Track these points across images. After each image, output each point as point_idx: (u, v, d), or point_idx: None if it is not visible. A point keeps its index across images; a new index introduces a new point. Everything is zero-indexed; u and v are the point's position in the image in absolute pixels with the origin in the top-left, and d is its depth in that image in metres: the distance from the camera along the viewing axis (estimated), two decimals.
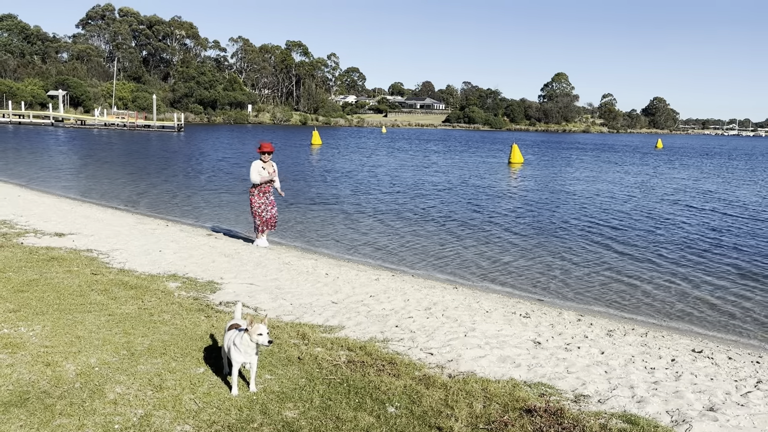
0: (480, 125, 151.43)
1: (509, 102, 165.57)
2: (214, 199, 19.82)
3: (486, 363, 5.79)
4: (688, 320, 8.80)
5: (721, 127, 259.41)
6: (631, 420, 4.49)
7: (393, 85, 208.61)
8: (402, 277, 10.23)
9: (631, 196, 24.03)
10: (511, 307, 8.56)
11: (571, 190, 25.31)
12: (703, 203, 22.24)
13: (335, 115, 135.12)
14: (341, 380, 4.89)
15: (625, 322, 8.34)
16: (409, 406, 4.46)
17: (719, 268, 11.84)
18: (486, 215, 17.85)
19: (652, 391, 5.35)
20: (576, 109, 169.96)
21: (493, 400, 4.65)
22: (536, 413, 4.34)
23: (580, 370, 5.77)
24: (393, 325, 6.97)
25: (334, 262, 11.13)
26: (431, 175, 30.51)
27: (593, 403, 4.91)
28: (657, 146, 77.79)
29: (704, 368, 6.24)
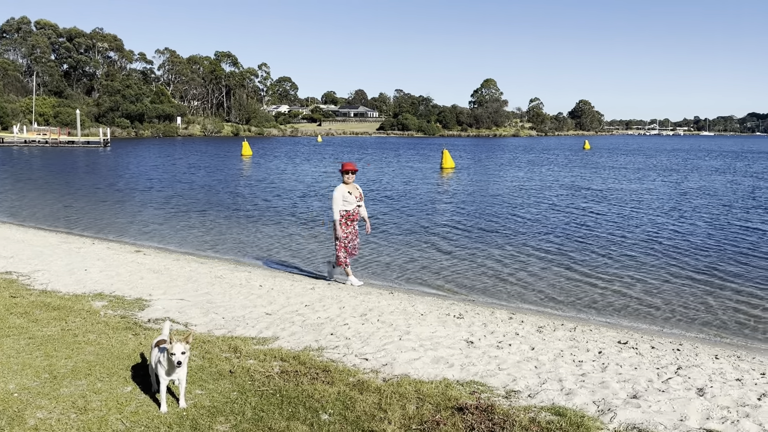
0: (414, 132, 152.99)
1: (441, 108, 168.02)
2: (142, 214, 19.30)
3: (420, 365, 5.85)
4: (615, 314, 9.13)
5: (644, 127, 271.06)
6: (559, 412, 4.62)
7: (326, 94, 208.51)
8: (338, 285, 10.20)
9: (559, 196, 24.76)
10: (445, 309, 8.66)
11: (502, 193, 25.88)
12: (627, 201, 23.14)
13: (268, 126, 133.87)
14: (274, 391, 4.85)
15: (554, 319, 8.58)
16: (342, 412, 4.46)
17: (643, 263, 12.33)
18: (418, 220, 18.04)
19: (579, 383, 5.52)
20: (505, 114, 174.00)
21: (426, 400, 4.70)
22: (468, 411, 4.41)
23: (511, 367, 5.90)
24: (328, 333, 6.95)
25: (268, 273, 11.01)
26: (364, 182, 30.61)
27: (523, 398, 5.03)
28: (585, 147, 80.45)
29: (629, 358, 6.49)
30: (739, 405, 5.10)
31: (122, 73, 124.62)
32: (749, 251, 13.39)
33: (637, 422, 4.58)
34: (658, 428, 4.49)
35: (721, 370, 6.21)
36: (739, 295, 9.93)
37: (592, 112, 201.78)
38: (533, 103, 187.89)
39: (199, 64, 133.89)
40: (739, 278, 11.00)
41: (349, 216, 9.91)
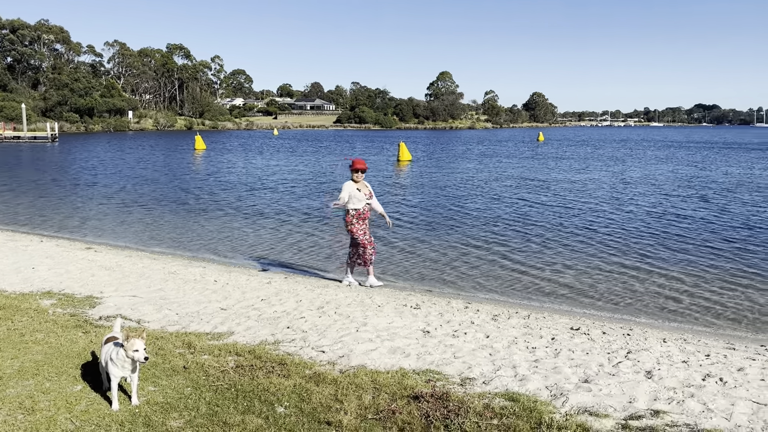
0: (371, 125, 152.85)
1: (398, 101, 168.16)
2: (92, 211, 18.83)
3: (377, 355, 5.87)
4: (568, 301, 9.32)
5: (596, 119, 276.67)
6: (513, 398, 4.70)
7: (282, 87, 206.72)
8: (295, 279, 10.16)
9: (512, 186, 25.10)
10: (402, 299, 8.71)
11: (457, 185, 26.10)
12: (578, 189, 23.61)
13: (223, 119, 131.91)
14: (229, 386, 4.80)
15: (509, 307, 8.72)
16: (298, 404, 4.45)
17: (594, 249, 12.60)
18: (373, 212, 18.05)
19: (533, 368, 5.63)
20: (461, 107, 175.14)
21: (382, 390, 4.72)
22: (423, 399, 4.45)
23: (466, 355, 5.98)
24: (284, 326, 6.91)
25: (223, 269, 10.88)
26: (321, 174, 30.48)
27: (478, 385, 5.10)
28: (539, 139, 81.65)
29: (581, 344, 6.63)
30: (684, 386, 5.27)
31: (70, 66, 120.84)
32: (690, 239, 13.81)
33: (588, 405, 4.70)
34: (608, 410, 4.61)
35: (669, 353, 6.41)
36: (684, 281, 10.24)
37: (546, 104, 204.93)
38: (488, 96, 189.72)
39: (151, 57, 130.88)
40: (684, 265, 11.35)
41: (360, 214, 9.46)
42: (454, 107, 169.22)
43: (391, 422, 4.15)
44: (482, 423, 4.13)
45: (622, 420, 4.42)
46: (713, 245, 13.00)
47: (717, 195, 21.98)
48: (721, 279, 10.32)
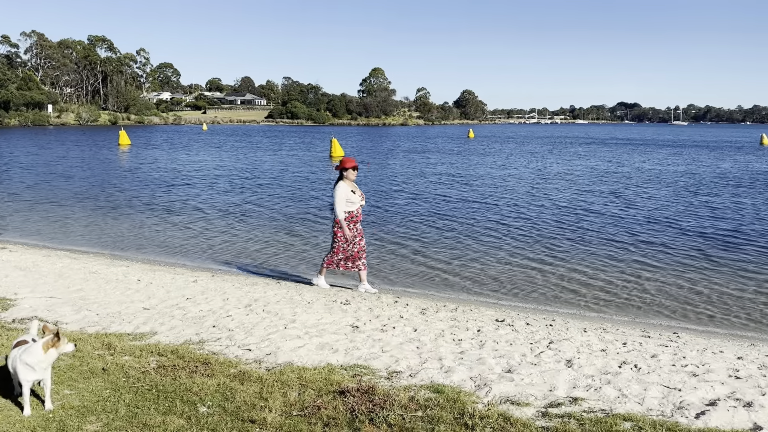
0: (303, 120, 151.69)
1: (331, 97, 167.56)
2: (8, 209, 17.92)
3: (304, 352, 5.84)
4: (494, 294, 9.53)
5: (524, 116, 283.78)
6: (438, 389, 4.78)
7: (211, 81, 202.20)
8: (223, 277, 9.98)
9: (436, 182, 25.44)
10: (332, 296, 8.70)
11: (388, 180, 26.24)
12: (498, 185, 24.17)
13: (149, 114, 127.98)
14: (150, 387, 4.67)
15: (437, 300, 8.84)
16: (222, 403, 4.38)
17: (518, 243, 12.93)
18: (305, 210, 17.96)
19: (458, 360, 5.73)
20: (394, 103, 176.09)
21: (308, 386, 4.70)
22: (349, 393, 4.46)
23: (394, 349, 6.02)
24: (210, 325, 6.78)
25: (147, 267, 10.58)
26: (252, 171, 30.04)
27: (404, 378, 5.15)
28: (469, 136, 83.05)
29: (505, 335, 6.80)
30: (602, 373, 5.48)
31: None
32: (607, 232, 14.38)
33: (510, 395, 4.82)
34: (529, 399, 4.74)
35: (589, 342, 6.65)
36: (604, 273, 10.65)
37: (476, 101, 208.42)
38: (420, 93, 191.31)
39: (72, 49, 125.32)
40: (603, 257, 11.80)
41: (353, 217, 8.97)
42: (387, 104, 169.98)
43: (316, 418, 4.14)
44: (407, 415, 4.18)
45: (542, 408, 4.55)
46: (629, 238, 13.57)
47: (630, 190, 22.96)
48: (638, 270, 10.78)
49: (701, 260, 11.44)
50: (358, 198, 8.96)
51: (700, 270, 10.73)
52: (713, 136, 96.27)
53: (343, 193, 8.81)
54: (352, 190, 8.91)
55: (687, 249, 12.40)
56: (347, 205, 8.86)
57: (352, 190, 8.90)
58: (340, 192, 8.80)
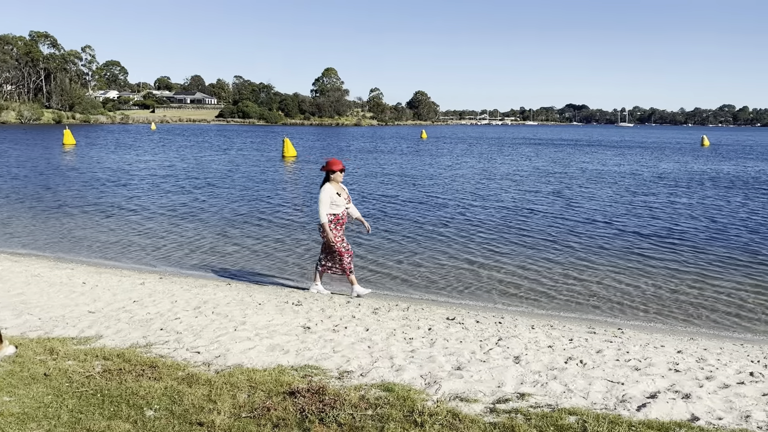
0: (255, 120, 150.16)
1: (283, 96, 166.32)
2: None
3: (255, 354, 5.80)
4: (445, 293, 9.63)
5: (475, 117, 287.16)
6: (388, 388, 4.81)
7: (159, 80, 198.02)
8: (171, 279, 9.81)
9: (393, 184, 25.55)
10: (284, 297, 8.65)
11: (345, 181, 26.17)
12: (453, 184, 24.44)
13: (95, 112, 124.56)
14: (95, 391, 4.56)
15: (390, 300, 8.88)
16: (169, 406, 4.31)
17: (465, 242, 13.08)
18: (260, 210, 17.80)
19: (409, 359, 5.77)
20: (347, 103, 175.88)
21: (258, 388, 4.67)
22: (299, 394, 4.45)
23: (345, 348, 6.03)
24: (158, 328, 6.66)
25: (93, 270, 10.31)
26: (200, 171, 29.57)
27: (355, 378, 5.17)
28: (422, 137, 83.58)
29: (455, 333, 6.88)
30: (549, 369, 5.60)
31: None
32: (550, 231, 14.70)
33: (460, 392, 4.89)
34: (478, 395, 4.81)
35: (536, 339, 6.79)
36: (551, 270, 10.87)
37: (428, 102, 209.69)
38: (373, 94, 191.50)
39: (12, 45, 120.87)
40: (550, 254, 12.04)
41: (338, 220, 8.74)
42: (340, 104, 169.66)
43: (265, 419, 4.11)
44: (357, 414, 4.19)
45: (491, 404, 4.63)
46: (574, 237, 13.89)
47: (573, 190, 23.51)
48: (583, 268, 11.04)
49: (642, 258, 11.79)
50: (343, 201, 8.74)
51: (642, 268, 11.06)
52: (657, 138, 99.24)
53: (328, 196, 8.59)
54: (338, 192, 8.70)
55: (629, 247, 12.76)
56: (332, 207, 8.63)
57: (337, 193, 8.69)
58: (325, 194, 8.59)
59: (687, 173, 31.59)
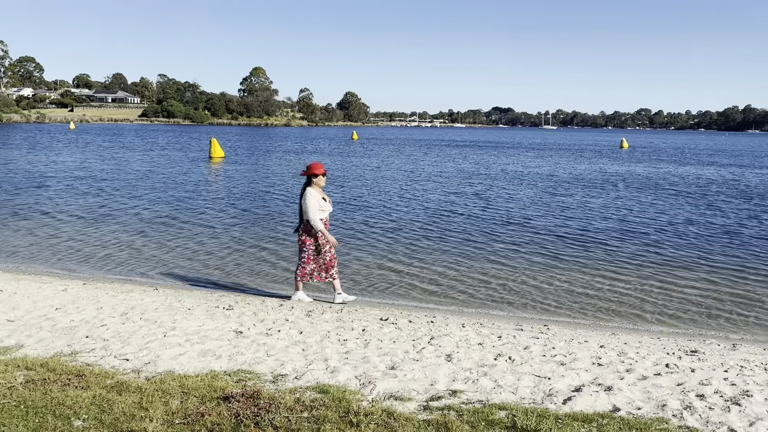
0: (180, 119, 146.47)
1: (209, 96, 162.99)
2: None
3: (186, 360, 5.70)
4: (379, 293, 9.72)
5: (405, 119, 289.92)
6: (324, 390, 4.83)
7: (78, 77, 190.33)
8: (95, 285, 9.49)
9: (333, 182, 25.53)
10: (214, 301, 8.52)
11: (271, 182, 25.97)
12: (379, 185, 24.65)
13: (8, 111, 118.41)
14: (18, 403, 4.38)
15: (323, 302, 8.89)
16: (98, 416, 4.19)
17: (393, 242, 13.24)
18: (185, 212, 17.41)
19: (344, 360, 5.81)
20: (276, 103, 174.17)
21: (191, 394, 4.60)
22: (234, 399, 4.42)
23: (279, 352, 6.01)
24: (83, 336, 6.44)
25: (11, 277, 9.84)
26: (120, 172, 28.62)
27: (290, 380, 5.17)
28: (353, 138, 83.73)
29: (389, 333, 6.97)
30: (479, 366, 5.77)
31: None
32: (477, 230, 15.08)
33: (394, 391, 4.97)
34: (412, 394, 4.91)
35: (467, 336, 6.96)
36: (479, 269, 11.15)
37: (359, 104, 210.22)
38: (303, 94, 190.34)
39: None
40: (476, 253, 12.35)
41: (324, 224, 8.53)
42: (269, 104, 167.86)
43: (199, 425, 4.07)
44: (293, 417, 4.20)
45: (424, 402, 4.73)
46: (500, 236, 14.28)
47: (494, 191, 24.16)
48: (511, 267, 11.37)
49: (563, 257, 12.25)
50: (328, 205, 8.58)
51: (563, 266, 11.49)
52: (578, 140, 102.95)
53: (315, 200, 8.37)
54: (323, 197, 8.52)
55: (549, 247, 13.22)
56: (318, 212, 8.43)
57: (323, 197, 8.51)
58: (312, 199, 8.35)
59: (603, 174, 32.94)
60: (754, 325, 8.47)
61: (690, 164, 43.24)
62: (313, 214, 8.31)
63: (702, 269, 11.34)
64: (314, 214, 8.32)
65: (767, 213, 18.89)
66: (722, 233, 15.09)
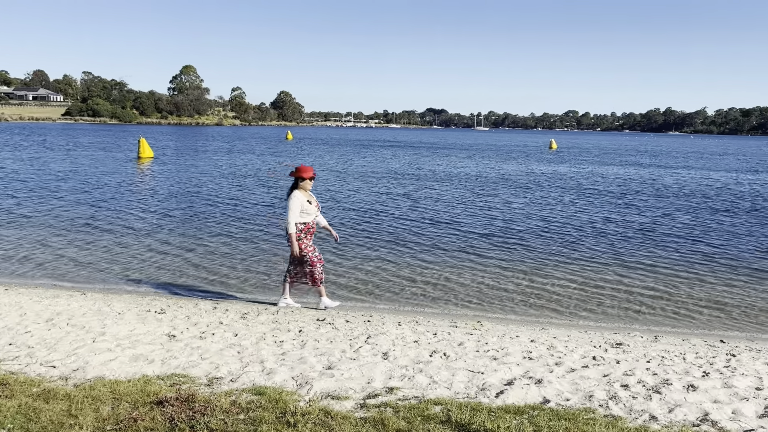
0: (107, 118, 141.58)
1: (138, 94, 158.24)
2: None
3: (116, 365, 5.56)
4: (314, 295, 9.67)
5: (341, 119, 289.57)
6: (260, 391, 4.81)
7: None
8: (17, 290, 9.09)
9: (248, 185, 25.23)
10: (146, 305, 8.32)
11: (203, 181, 25.48)
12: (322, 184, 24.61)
13: None
14: None
15: (258, 304, 8.81)
16: (24, 425, 4.04)
17: (324, 243, 13.25)
18: (112, 212, 16.87)
19: (280, 362, 5.80)
20: (208, 102, 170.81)
21: (122, 399, 4.50)
22: (168, 403, 4.35)
23: (214, 355, 5.94)
24: (6, 343, 6.18)
25: None
26: (42, 173, 27.46)
27: (226, 383, 5.12)
28: (287, 138, 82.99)
29: (326, 333, 6.99)
30: (415, 363, 5.87)
31: None
32: (404, 230, 15.28)
33: (331, 390, 5.00)
34: (349, 393, 4.95)
35: (403, 334, 7.06)
36: (414, 267, 11.29)
37: (293, 103, 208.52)
38: (235, 93, 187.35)
39: None
40: (410, 252, 12.51)
41: (308, 228, 8.26)
42: (200, 103, 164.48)
43: (132, 430, 3.98)
44: (229, 419, 4.17)
45: (361, 400, 4.78)
46: (430, 235, 14.51)
47: (422, 192, 24.53)
48: (442, 264, 11.57)
49: (492, 255, 12.56)
50: (314, 209, 8.32)
51: (494, 264, 11.78)
52: (508, 141, 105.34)
53: (298, 203, 8.13)
54: (309, 200, 8.26)
55: (480, 245, 13.53)
56: (302, 216, 8.18)
57: (308, 200, 8.25)
58: (295, 201, 8.10)
59: (529, 175, 33.82)
60: (674, 318, 8.92)
61: (612, 164, 44.92)
62: (291, 217, 8.11)
63: (625, 265, 11.84)
64: (293, 217, 8.11)
65: (680, 211, 19.84)
66: (639, 231, 15.80)
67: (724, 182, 31.46)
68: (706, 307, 9.37)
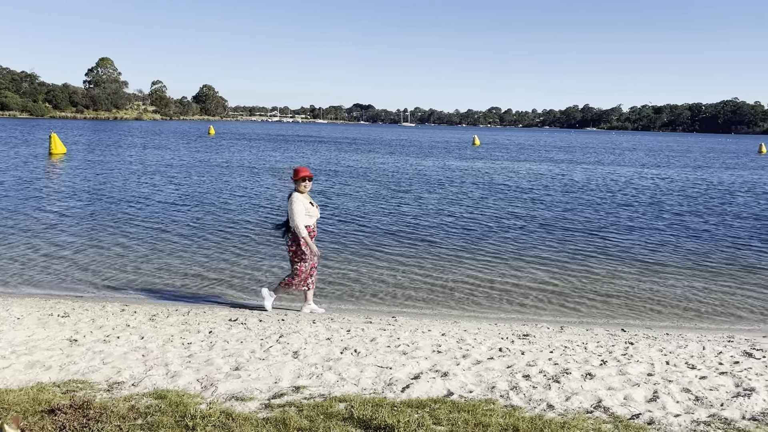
0: (17, 112, 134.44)
1: (50, 87, 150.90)
2: None
3: (10, 373, 5.30)
4: (228, 294, 9.54)
5: (266, 114, 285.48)
6: (161, 395, 4.70)
7: None
8: None
9: (161, 182, 24.60)
10: (48, 309, 7.97)
11: (123, 178, 24.61)
12: (216, 182, 24.23)
13: None
14: None
15: (169, 305, 8.60)
16: None
17: (223, 240, 13.08)
18: (15, 211, 16.06)
19: (186, 364, 5.68)
20: (126, 96, 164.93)
21: (11, 409, 4.29)
22: (60, 411, 4.18)
23: (116, 359, 5.76)
24: None
25: None
26: None
27: (126, 388, 4.97)
28: (209, 133, 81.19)
29: (237, 333, 6.89)
30: (325, 360, 5.87)
31: None
32: (322, 227, 15.30)
33: (236, 391, 4.94)
34: (254, 393, 4.90)
35: (316, 333, 7.04)
36: (328, 266, 11.30)
37: (216, 97, 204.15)
38: (156, 86, 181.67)
39: None
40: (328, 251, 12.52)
41: (310, 232, 8.06)
42: (118, 96, 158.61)
43: None
44: (125, 425, 4.06)
45: (266, 400, 4.75)
46: (343, 233, 14.57)
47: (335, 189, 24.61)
48: (354, 261, 11.63)
49: (405, 251, 12.73)
50: (316, 211, 8.16)
51: (407, 259, 11.94)
52: (432, 137, 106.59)
53: (302, 206, 7.93)
54: (310, 202, 8.08)
55: (392, 241, 13.69)
56: (306, 218, 7.98)
57: (310, 202, 8.07)
58: (299, 204, 7.90)
59: (445, 171, 34.13)
60: (578, 309, 9.28)
61: (527, 160, 46.04)
62: (299, 220, 7.91)
63: (533, 259, 12.23)
64: (301, 219, 7.92)
65: (583, 205, 20.56)
66: (546, 225, 16.36)
67: (629, 177, 32.88)
68: (608, 298, 9.80)
